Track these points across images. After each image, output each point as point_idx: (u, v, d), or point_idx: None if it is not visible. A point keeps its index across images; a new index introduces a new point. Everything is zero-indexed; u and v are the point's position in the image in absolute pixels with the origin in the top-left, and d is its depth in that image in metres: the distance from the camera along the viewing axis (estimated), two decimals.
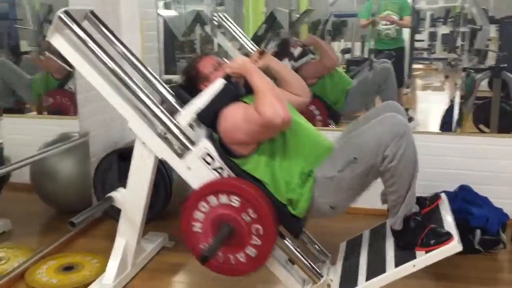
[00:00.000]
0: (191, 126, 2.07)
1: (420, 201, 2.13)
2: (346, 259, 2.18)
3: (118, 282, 2.30)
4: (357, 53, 5.12)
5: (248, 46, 3.75)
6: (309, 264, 2.05)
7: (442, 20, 4.51)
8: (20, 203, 3.07)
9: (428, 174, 2.96)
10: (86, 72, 2.08)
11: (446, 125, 3.56)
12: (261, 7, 4.18)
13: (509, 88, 3.75)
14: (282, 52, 3.76)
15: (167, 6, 4.69)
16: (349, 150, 1.86)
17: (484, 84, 3.71)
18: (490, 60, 3.79)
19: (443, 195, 2.23)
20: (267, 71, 2.05)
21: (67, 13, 2.02)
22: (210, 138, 2.01)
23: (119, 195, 2.29)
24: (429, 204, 2.15)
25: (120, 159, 2.80)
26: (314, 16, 4.50)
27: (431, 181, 2.95)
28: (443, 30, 4.60)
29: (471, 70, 3.98)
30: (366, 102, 3.85)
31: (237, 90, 2.01)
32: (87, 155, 3.00)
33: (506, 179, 2.95)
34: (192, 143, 2.02)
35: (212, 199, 1.92)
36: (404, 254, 1.90)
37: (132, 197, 2.28)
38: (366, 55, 4.35)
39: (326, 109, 3.54)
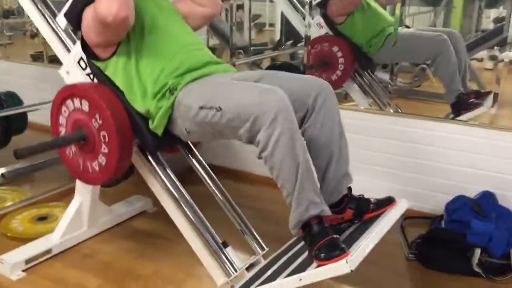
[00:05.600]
0: None
1: (362, 203, 1.75)
2: (277, 258, 1.90)
3: (67, 239, 2.32)
4: None
5: None
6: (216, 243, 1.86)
7: None
8: None
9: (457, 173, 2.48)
10: None
11: None
12: None
13: None
14: None
15: None
16: (221, 95, 1.63)
17: None
18: None
19: (401, 201, 1.79)
20: None
21: None
22: None
23: None
24: (374, 209, 1.75)
25: None
26: None
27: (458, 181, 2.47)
28: None
29: None
30: (406, 59, 3.25)
31: None
32: None
33: None
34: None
35: (70, 104, 1.91)
36: (304, 263, 1.57)
37: None
38: None
39: (351, 52, 3.03)
